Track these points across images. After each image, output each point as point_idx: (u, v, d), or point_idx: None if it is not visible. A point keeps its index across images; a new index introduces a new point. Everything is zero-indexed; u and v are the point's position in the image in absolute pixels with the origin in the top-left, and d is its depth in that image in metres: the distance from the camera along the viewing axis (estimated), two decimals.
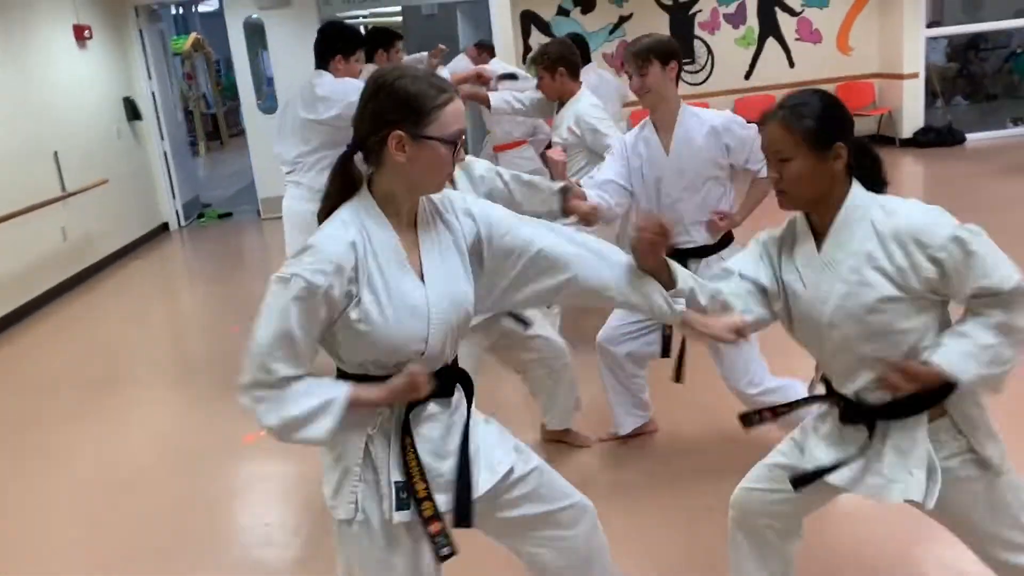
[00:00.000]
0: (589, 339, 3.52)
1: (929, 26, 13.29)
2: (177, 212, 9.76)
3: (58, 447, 4.22)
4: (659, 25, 9.81)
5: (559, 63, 4.11)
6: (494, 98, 4.51)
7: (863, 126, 10.35)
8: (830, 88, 9.67)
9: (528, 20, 9.89)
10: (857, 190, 1.88)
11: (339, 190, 1.75)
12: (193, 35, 16.40)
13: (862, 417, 1.91)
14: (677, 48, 3.15)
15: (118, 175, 8.42)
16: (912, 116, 9.94)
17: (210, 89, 17.36)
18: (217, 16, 11.71)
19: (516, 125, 5.75)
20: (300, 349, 1.65)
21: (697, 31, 9.98)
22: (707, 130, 3.11)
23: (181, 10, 17.28)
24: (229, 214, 10.25)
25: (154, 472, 3.88)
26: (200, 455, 3.99)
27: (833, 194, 1.87)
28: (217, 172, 14.27)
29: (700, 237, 3.17)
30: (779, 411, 2.14)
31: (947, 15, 12.84)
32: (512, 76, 5.17)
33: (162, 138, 9.52)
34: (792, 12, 10.04)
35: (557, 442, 3.61)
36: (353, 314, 1.67)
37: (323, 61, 4.29)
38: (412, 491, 1.74)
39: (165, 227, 9.65)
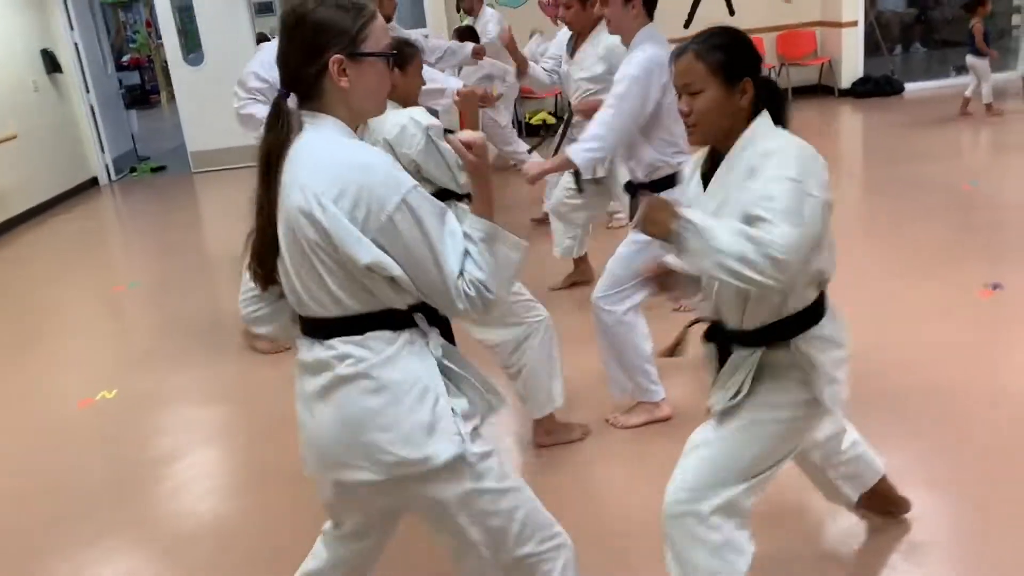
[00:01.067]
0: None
1: None
2: (107, 166, 9.66)
3: None
4: None
5: None
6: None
7: (804, 76, 10.23)
8: (771, 36, 9.77)
9: None
10: (758, 124, 1.89)
11: (278, 133, 1.65)
12: None
13: (717, 337, 2.01)
14: None
15: (35, 129, 8.31)
16: (851, 66, 9.80)
17: None
18: None
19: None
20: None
21: None
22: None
23: None
24: (163, 167, 10.15)
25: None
26: (72, 418, 3.99)
27: (737, 129, 1.90)
28: (169, 123, 14.07)
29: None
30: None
31: None
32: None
33: (87, 91, 9.37)
34: None
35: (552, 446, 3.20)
36: None
37: None
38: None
39: (95, 182, 9.56)
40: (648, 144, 3.06)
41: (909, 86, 9.83)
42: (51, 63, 8.83)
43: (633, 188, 3.17)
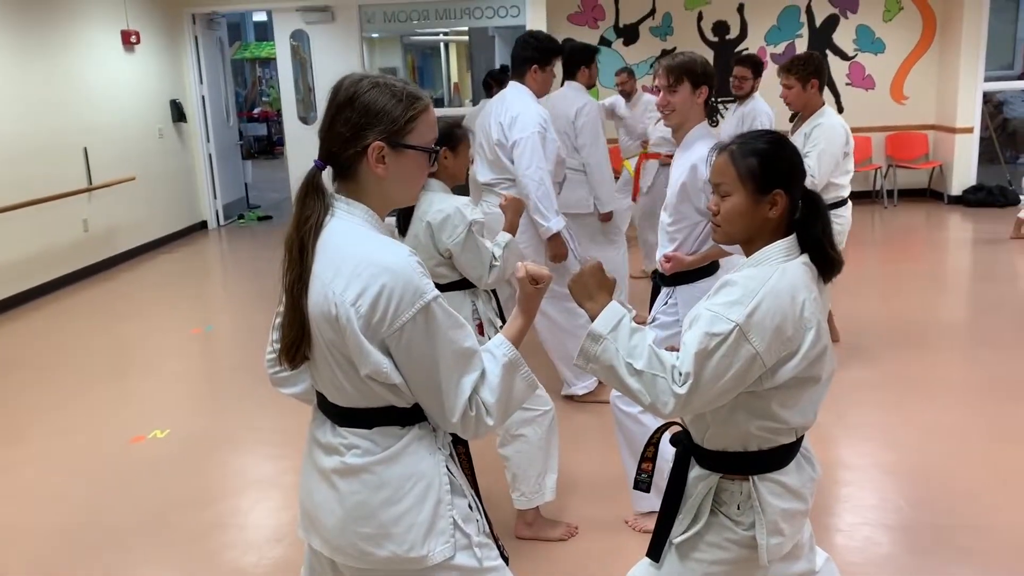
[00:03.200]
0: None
1: (1020, 77, 12.73)
2: (217, 212, 10.20)
3: (31, 429, 4.49)
4: None
5: (815, 75, 4.44)
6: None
7: (914, 179, 9.92)
8: (881, 137, 9.55)
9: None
10: (773, 247, 1.81)
11: (310, 213, 1.61)
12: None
13: (681, 444, 1.95)
14: (712, 73, 2.98)
15: (155, 172, 8.89)
16: (963, 172, 9.44)
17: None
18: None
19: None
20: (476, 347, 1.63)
21: None
22: (690, 162, 2.94)
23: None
24: (269, 217, 10.64)
25: (111, 470, 4.07)
26: (150, 452, 4.16)
27: (761, 239, 1.84)
28: (286, 175, 14.78)
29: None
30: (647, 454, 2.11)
31: None
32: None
33: (208, 140, 9.97)
34: (845, 56, 9.71)
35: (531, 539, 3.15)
36: None
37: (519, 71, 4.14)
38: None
39: (204, 225, 10.11)
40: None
41: None
42: (178, 112, 9.47)
43: (661, 279, 3.09)
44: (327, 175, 1.66)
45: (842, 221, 4.67)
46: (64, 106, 7.52)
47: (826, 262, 1.82)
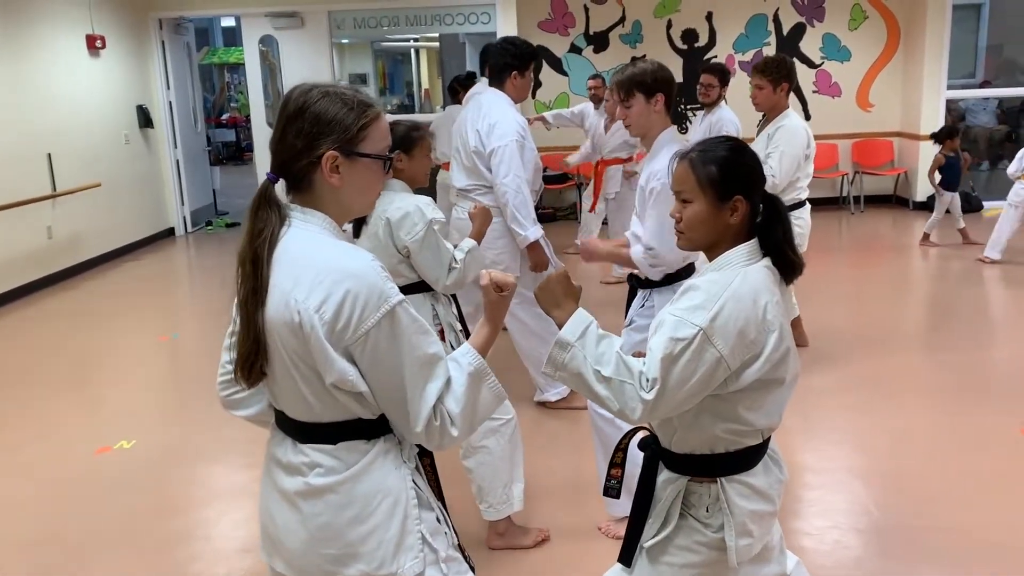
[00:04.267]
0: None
1: (981, 86, 12.98)
2: (184, 218, 10.08)
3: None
4: (672, 69, 9.70)
5: (786, 79, 4.57)
6: None
7: (879, 185, 10.05)
8: (847, 144, 9.67)
9: (540, 57, 9.93)
10: (733, 252, 1.82)
11: (263, 226, 1.57)
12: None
13: (649, 449, 1.94)
14: (665, 79, 2.96)
15: (120, 179, 8.76)
16: (927, 179, 9.54)
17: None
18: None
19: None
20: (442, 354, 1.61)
21: None
22: (657, 168, 2.91)
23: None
24: (238, 224, 10.54)
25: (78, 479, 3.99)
26: (115, 463, 4.08)
27: (722, 245, 1.85)
28: (256, 181, 14.66)
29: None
30: (615, 460, 2.10)
31: (1006, 77, 12.44)
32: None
33: (175, 146, 9.86)
34: (811, 64, 9.83)
35: (503, 549, 3.12)
36: None
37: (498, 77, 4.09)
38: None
39: (171, 232, 9.98)
40: None
41: (988, 203, 9.54)
42: (144, 118, 9.35)
43: (638, 281, 3.09)
44: (280, 187, 1.62)
45: (802, 223, 4.73)
46: (28, 111, 7.39)
47: (787, 264, 1.84)
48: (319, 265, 1.53)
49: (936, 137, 8.02)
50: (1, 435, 4.44)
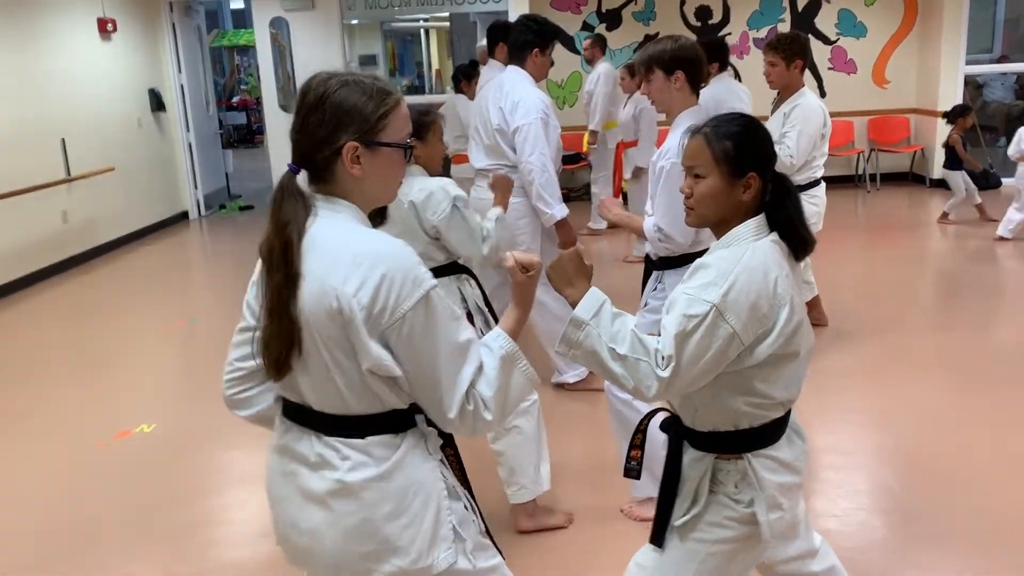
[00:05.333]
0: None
1: (999, 60, 12.80)
2: (199, 202, 10.07)
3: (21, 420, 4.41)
4: None
5: (800, 55, 4.50)
6: None
7: (896, 163, 9.95)
8: (863, 121, 9.57)
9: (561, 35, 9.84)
10: (743, 227, 1.82)
11: (290, 217, 1.56)
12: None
13: (672, 430, 1.94)
14: (686, 57, 2.91)
15: (134, 163, 8.76)
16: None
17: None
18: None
19: None
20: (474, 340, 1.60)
21: None
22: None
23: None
24: (251, 207, 10.52)
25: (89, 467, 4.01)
26: (117, 448, 4.10)
27: (732, 222, 1.83)
28: (266, 164, 14.61)
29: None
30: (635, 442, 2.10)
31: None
32: None
33: (188, 129, 9.84)
34: (827, 40, 9.71)
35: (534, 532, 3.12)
36: None
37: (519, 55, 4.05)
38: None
39: (185, 216, 9.98)
40: None
41: (1007, 180, 9.41)
42: (157, 102, 9.33)
43: (651, 263, 3.06)
44: (302, 177, 1.61)
45: (817, 201, 4.70)
46: (41, 96, 7.38)
47: (798, 241, 1.83)
48: (353, 251, 1.52)
49: (949, 116, 7.92)
50: (21, 420, 4.46)
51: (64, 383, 4.98)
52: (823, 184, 4.78)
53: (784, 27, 9.63)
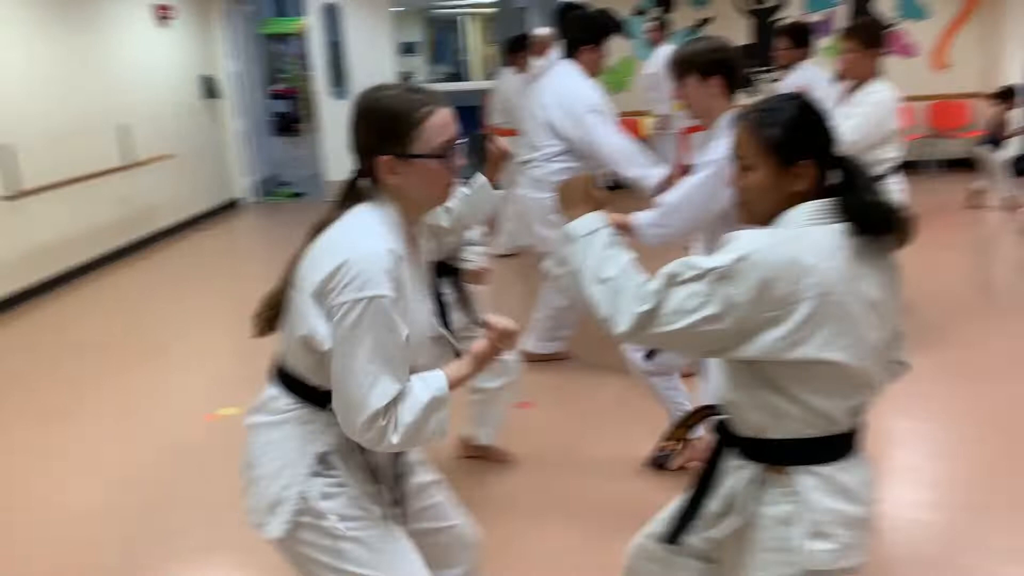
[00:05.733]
0: None
1: None
2: (249, 189, 10.10)
3: (77, 410, 4.43)
4: (740, 30, 9.48)
5: (877, 43, 4.26)
6: None
7: (957, 148, 9.74)
8: (923, 106, 9.37)
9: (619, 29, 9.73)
10: (800, 210, 1.61)
11: (340, 207, 1.75)
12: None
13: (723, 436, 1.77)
14: (723, 60, 2.78)
15: (189, 150, 8.80)
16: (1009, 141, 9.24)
17: None
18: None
19: None
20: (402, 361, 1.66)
21: None
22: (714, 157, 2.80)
23: None
24: (300, 194, 10.54)
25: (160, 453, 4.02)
26: (188, 430, 4.11)
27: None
28: (307, 152, 14.65)
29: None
30: (675, 435, 2.00)
31: None
32: None
33: (240, 116, 9.87)
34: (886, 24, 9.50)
35: (478, 458, 3.54)
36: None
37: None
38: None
39: (236, 203, 10.02)
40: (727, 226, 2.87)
41: None
42: (209, 89, 9.35)
43: None
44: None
45: (897, 189, 4.46)
46: (99, 84, 7.41)
47: (883, 227, 1.59)
48: (338, 237, 1.67)
49: (1001, 96, 7.75)
50: (110, 404, 4.48)
51: (146, 366, 5.00)
52: (901, 172, 4.58)
53: (842, 10, 9.45)
